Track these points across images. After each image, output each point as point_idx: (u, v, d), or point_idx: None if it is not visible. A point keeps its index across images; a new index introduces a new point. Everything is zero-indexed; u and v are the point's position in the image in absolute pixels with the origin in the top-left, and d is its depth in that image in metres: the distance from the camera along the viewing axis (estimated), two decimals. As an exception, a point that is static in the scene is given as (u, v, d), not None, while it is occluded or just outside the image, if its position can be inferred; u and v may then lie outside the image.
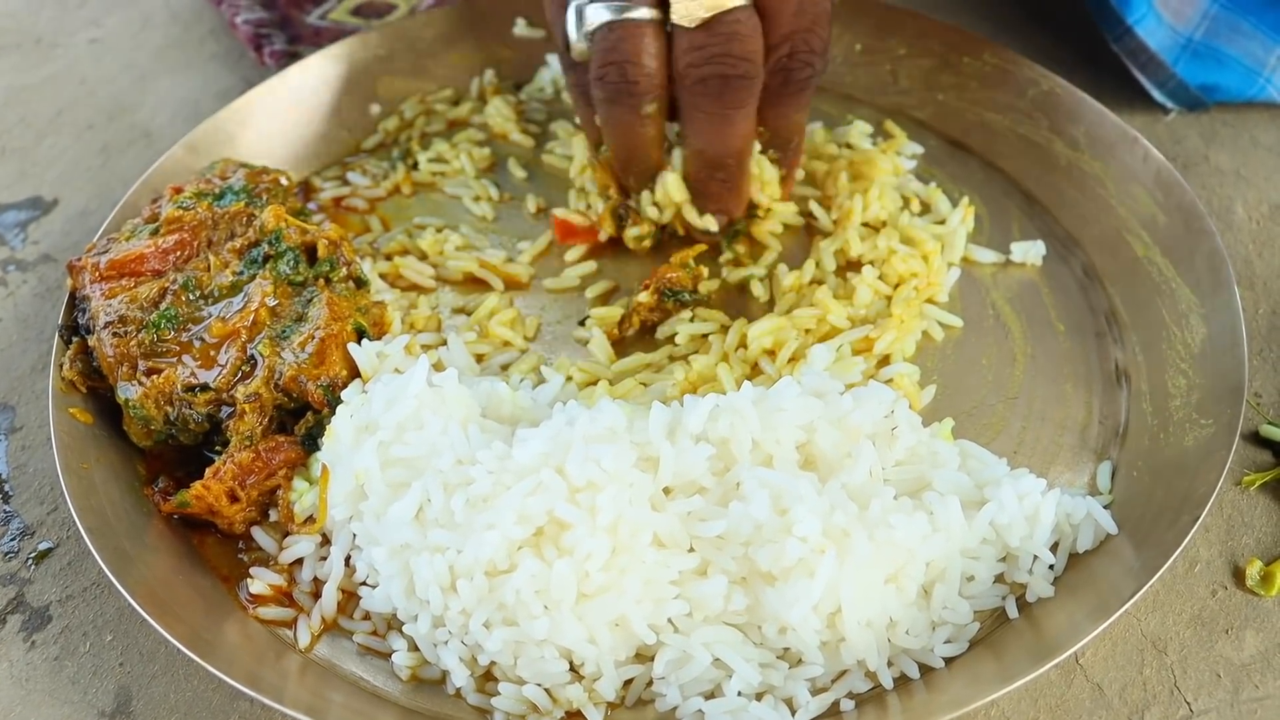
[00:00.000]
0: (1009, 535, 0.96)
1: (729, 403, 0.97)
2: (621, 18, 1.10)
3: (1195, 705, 0.94)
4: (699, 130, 1.15)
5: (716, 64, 1.09)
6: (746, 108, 1.13)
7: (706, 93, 1.11)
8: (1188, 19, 1.38)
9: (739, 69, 1.10)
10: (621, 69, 1.11)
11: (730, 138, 1.14)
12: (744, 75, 1.10)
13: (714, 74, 1.10)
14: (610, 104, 1.14)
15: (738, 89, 1.11)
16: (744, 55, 1.09)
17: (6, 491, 1.11)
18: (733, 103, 1.11)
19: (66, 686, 0.97)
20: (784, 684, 0.91)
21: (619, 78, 1.11)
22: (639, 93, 1.12)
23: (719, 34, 1.09)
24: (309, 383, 1.04)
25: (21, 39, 1.61)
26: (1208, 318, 1.11)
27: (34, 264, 1.31)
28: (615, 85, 1.12)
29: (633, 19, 1.10)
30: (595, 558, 0.89)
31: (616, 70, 1.11)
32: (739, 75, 1.10)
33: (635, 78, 1.11)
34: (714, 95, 1.11)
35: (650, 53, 1.11)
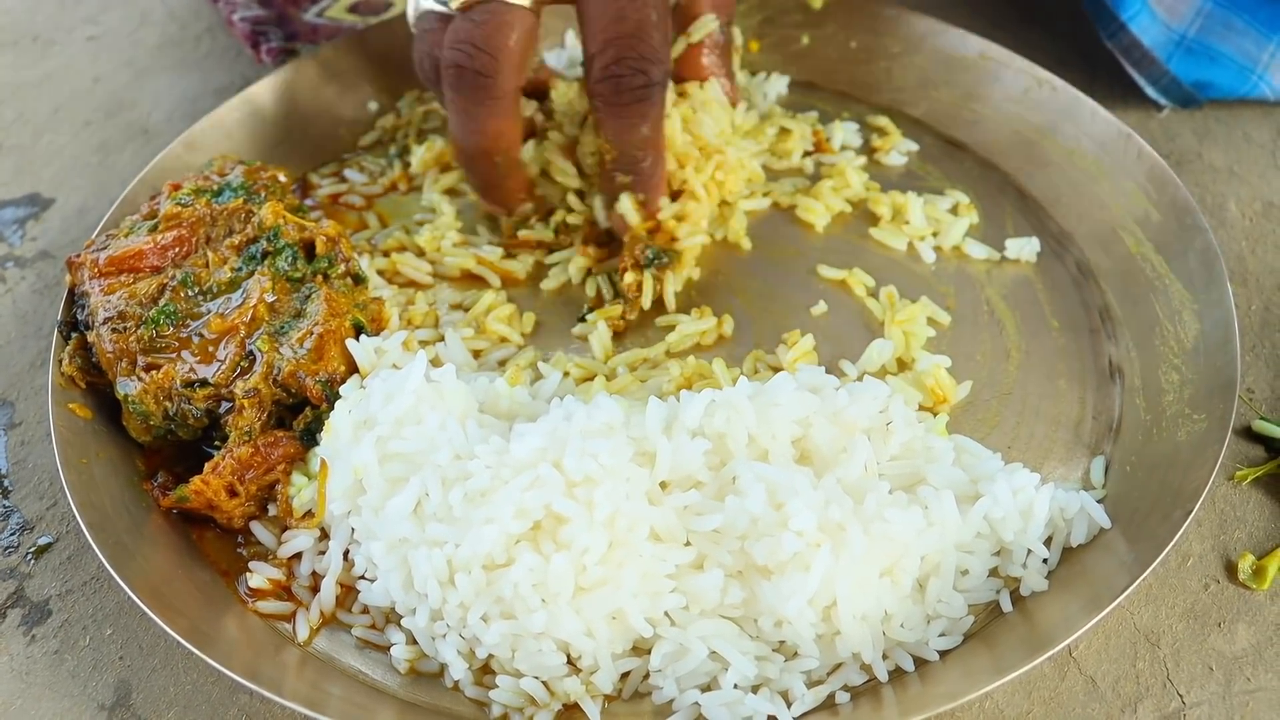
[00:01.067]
0: (1003, 529, 0.97)
1: (725, 398, 0.98)
2: (434, 9, 1.13)
3: (1188, 698, 0.94)
4: (450, 120, 1.16)
5: (457, 50, 1.09)
6: (487, 107, 1.12)
7: (448, 82, 1.11)
8: (1181, 16, 1.39)
9: (476, 61, 1.09)
10: (420, 59, 1.16)
11: (473, 134, 1.14)
12: (480, 70, 1.09)
13: (451, 62, 1.10)
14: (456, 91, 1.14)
15: (473, 84, 1.10)
16: (484, 46, 1.08)
17: (6, 486, 1.11)
18: (470, 98, 1.11)
19: (66, 680, 0.98)
20: (780, 676, 0.92)
21: (417, 66, 1.17)
22: (433, 81, 1.16)
23: (470, 19, 1.10)
24: (307, 378, 1.04)
25: (19, 36, 1.61)
26: (1200, 314, 1.12)
27: (32, 260, 1.31)
28: (420, 73, 1.17)
29: (439, 11, 1.13)
30: (592, 551, 0.90)
31: (418, 59, 1.16)
32: (475, 69, 1.09)
33: (426, 68, 1.16)
34: (452, 85, 1.11)
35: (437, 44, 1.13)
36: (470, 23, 1.09)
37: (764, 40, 1.46)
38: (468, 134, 1.15)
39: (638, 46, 1.09)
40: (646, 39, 1.09)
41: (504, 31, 1.09)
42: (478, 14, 1.09)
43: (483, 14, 1.09)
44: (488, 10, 1.09)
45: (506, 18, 1.09)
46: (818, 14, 1.45)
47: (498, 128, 1.14)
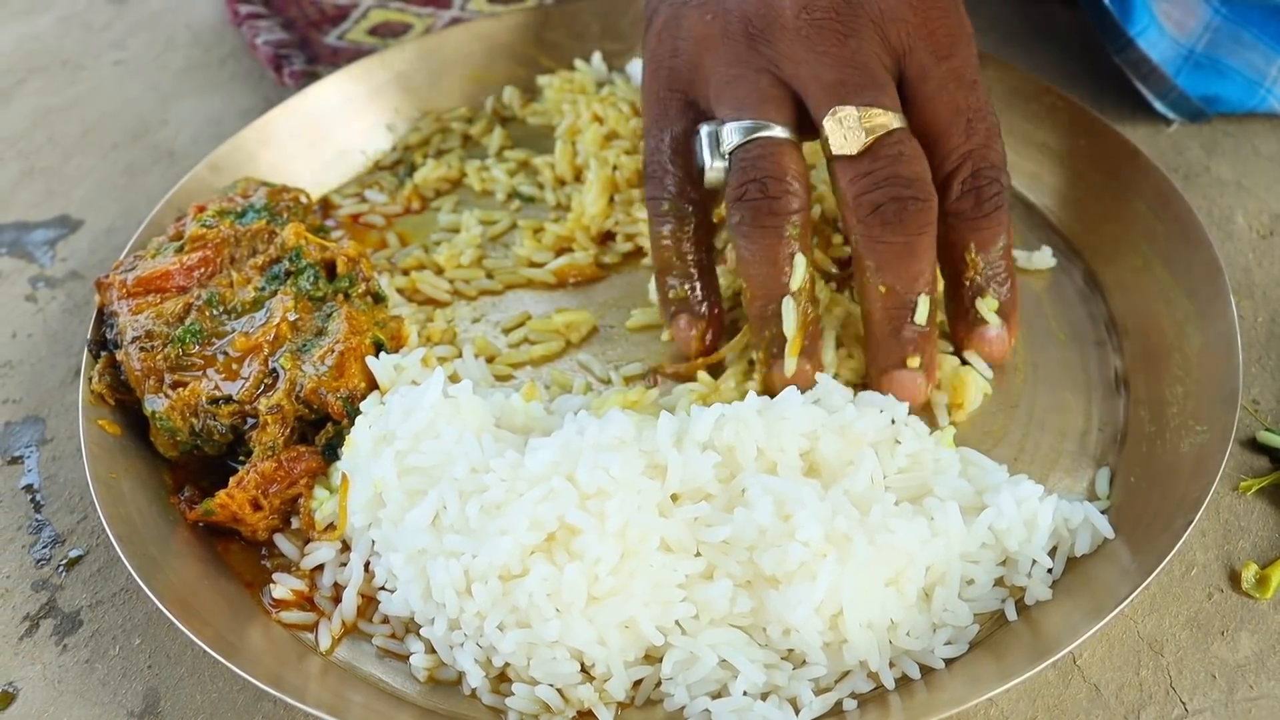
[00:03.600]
0: (1008, 539, 0.99)
1: (734, 412, 1.00)
2: (762, 136, 1.07)
3: (1190, 705, 0.96)
4: (884, 266, 1.05)
5: (889, 187, 1.04)
6: (926, 235, 1.05)
7: (885, 221, 1.04)
8: (1189, 30, 1.40)
9: (911, 190, 1.04)
10: (763, 185, 1.06)
11: (917, 270, 1.05)
12: (917, 197, 1.04)
13: (888, 198, 1.03)
14: (752, 225, 1.06)
15: (916, 213, 1.04)
16: (915, 176, 1.04)
17: (38, 501, 1.14)
18: (912, 228, 1.04)
19: (97, 688, 1.00)
20: (788, 684, 0.93)
21: (761, 193, 1.06)
22: (783, 210, 1.06)
23: (884, 156, 1.04)
24: (329, 394, 1.07)
25: (49, 61, 1.65)
26: (1204, 327, 1.13)
27: (62, 281, 1.34)
28: (756, 203, 1.06)
29: (773, 136, 1.07)
30: (605, 562, 0.92)
31: (758, 186, 1.06)
32: (913, 197, 1.04)
33: (778, 193, 1.05)
34: (892, 223, 1.04)
35: (795, 169, 1.06)
36: (886, 159, 1.05)
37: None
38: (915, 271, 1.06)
39: (989, 156, 1.09)
40: (995, 146, 1.09)
41: (921, 160, 1.06)
42: (887, 148, 1.05)
43: (893, 146, 1.05)
44: (895, 141, 1.05)
45: (914, 145, 1.06)
46: (828, 33, 1.47)
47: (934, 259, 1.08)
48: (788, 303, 1.07)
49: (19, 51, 1.67)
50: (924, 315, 1.07)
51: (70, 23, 1.71)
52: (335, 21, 1.62)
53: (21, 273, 1.35)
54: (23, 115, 1.56)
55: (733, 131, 1.08)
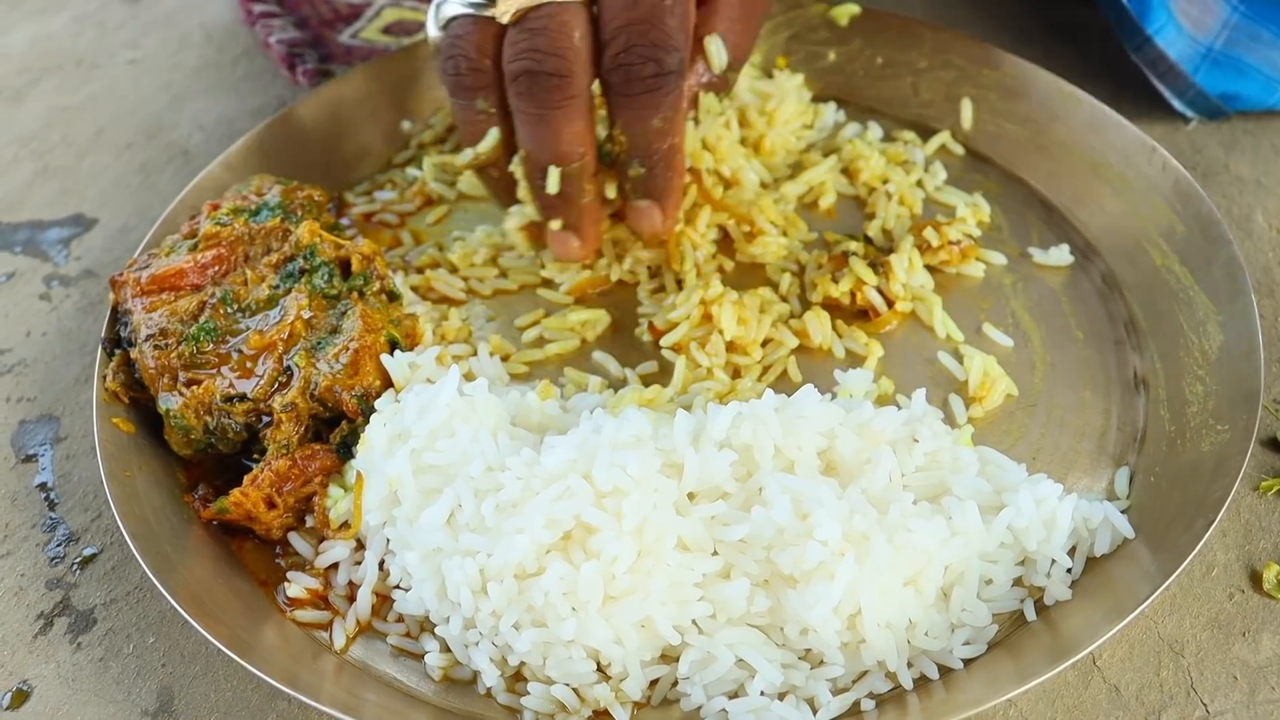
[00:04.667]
0: (1027, 539, 0.98)
1: (751, 410, 0.99)
2: (464, 12, 1.09)
3: (1211, 706, 0.95)
4: (520, 132, 1.11)
5: (525, 59, 1.06)
6: (564, 108, 1.07)
7: (519, 90, 1.07)
8: (1208, 28, 1.39)
9: (546, 64, 1.05)
10: (457, 61, 1.10)
11: (550, 140, 1.09)
12: (552, 72, 1.05)
13: (522, 70, 1.06)
14: (451, 96, 1.13)
15: (548, 87, 1.06)
16: (551, 50, 1.05)
17: (52, 499, 1.14)
18: (544, 101, 1.06)
19: (111, 686, 1.00)
20: (806, 684, 0.93)
21: (454, 71, 1.11)
22: (469, 86, 1.11)
23: (528, 29, 1.06)
24: (343, 392, 1.06)
25: (63, 61, 1.65)
26: (1225, 325, 1.12)
27: (77, 279, 1.34)
28: (451, 79, 1.12)
29: (478, 15, 1.09)
30: (621, 561, 0.92)
31: (453, 64, 1.11)
32: (546, 71, 1.05)
33: (466, 70, 1.10)
34: (524, 93, 1.07)
35: (485, 48, 1.09)
36: (528, 31, 1.06)
37: (791, 57, 1.47)
38: (543, 141, 1.09)
39: (650, 34, 1.06)
40: (660, 25, 1.06)
41: (567, 31, 1.06)
42: (533, 20, 1.06)
43: (539, 19, 1.06)
44: (543, 15, 1.06)
45: (564, 17, 1.06)
46: (844, 30, 1.46)
47: (575, 130, 1.09)
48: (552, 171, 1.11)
49: (33, 51, 1.67)
50: (553, 184, 1.11)
51: (84, 22, 1.71)
52: (349, 20, 1.62)
53: (36, 271, 1.35)
54: (37, 115, 1.56)
55: (451, 5, 1.11)
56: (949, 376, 1.17)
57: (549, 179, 1.11)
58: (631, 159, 1.13)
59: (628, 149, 1.12)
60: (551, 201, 1.14)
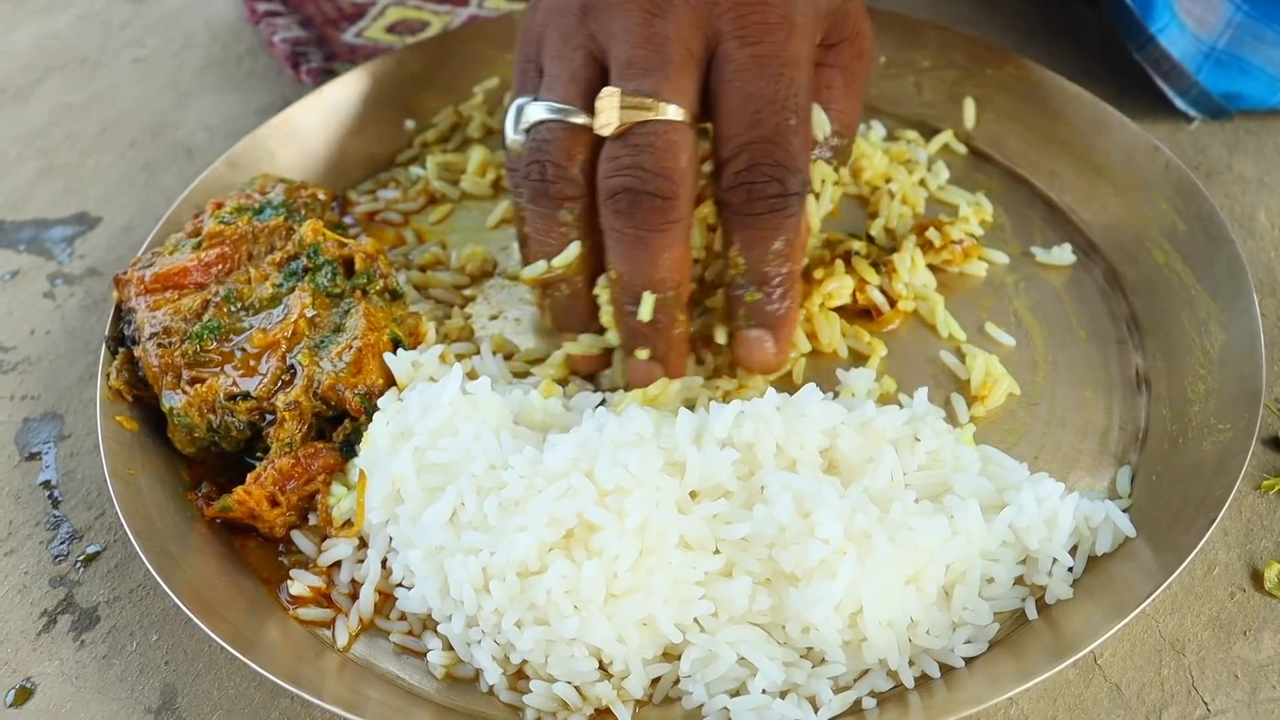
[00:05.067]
0: (1028, 538, 0.98)
1: (754, 409, 0.99)
2: (555, 118, 1.05)
3: (1212, 705, 0.95)
4: (613, 252, 1.05)
5: (627, 176, 1.01)
6: (665, 232, 1.02)
7: (617, 209, 1.02)
8: (1211, 27, 1.39)
9: (650, 184, 1.00)
10: (543, 168, 1.05)
11: (647, 264, 1.03)
12: (656, 192, 1.00)
13: (623, 187, 1.01)
14: (530, 205, 1.08)
15: (650, 208, 1.01)
16: (658, 170, 1.00)
17: (56, 497, 1.14)
18: (644, 223, 1.01)
19: (114, 684, 1.01)
20: (807, 682, 0.93)
21: (539, 176, 1.05)
22: (554, 195, 1.05)
23: (632, 144, 1.01)
24: (346, 391, 1.06)
25: (68, 59, 1.65)
26: (1226, 324, 1.12)
27: (81, 278, 1.35)
28: (535, 185, 1.06)
29: (564, 122, 1.04)
30: (624, 559, 0.92)
31: (538, 169, 1.05)
32: (649, 192, 1.00)
33: (553, 178, 1.05)
34: (624, 212, 1.02)
35: (575, 157, 1.04)
36: (633, 147, 1.01)
37: (794, 56, 1.48)
38: (640, 265, 1.03)
39: (774, 154, 1.02)
40: (784, 145, 1.02)
41: (674, 151, 1.01)
42: (639, 136, 1.01)
43: (645, 135, 1.01)
44: (649, 131, 1.01)
45: (672, 136, 1.01)
46: (847, 30, 1.46)
47: (675, 256, 1.03)
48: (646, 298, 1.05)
49: (38, 50, 1.67)
50: (646, 311, 1.05)
51: (89, 21, 1.72)
52: (353, 19, 1.62)
53: (40, 270, 1.36)
54: (41, 113, 1.57)
55: (537, 109, 1.06)
56: (951, 375, 1.17)
57: (642, 306, 1.04)
58: (748, 284, 1.06)
59: (744, 272, 1.06)
60: (640, 330, 1.06)
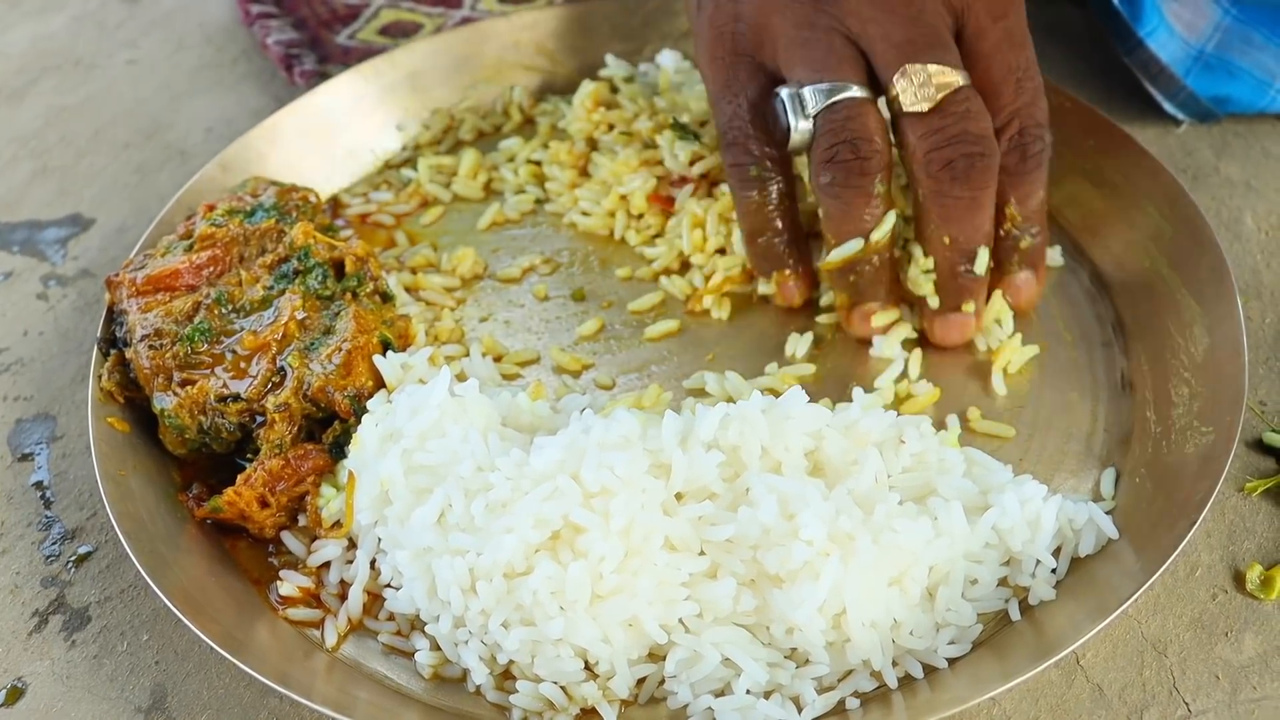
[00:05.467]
0: (1011, 539, 0.99)
1: (739, 411, 1.00)
2: (849, 96, 1.10)
3: (1193, 705, 0.96)
4: (950, 218, 1.11)
5: (958, 144, 1.08)
6: (990, 189, 1.11)
7: (954, 176, 1.09)
8: (1199, 31, 1.40)
9: (980, 147, 1.08)
10: (855, 146, 1.09)
11: (982, 222, 1.12)
12: (985, 153, 1.09)
13: (958, 154, 1.08)
14: (844, 186, 1.11)
15: (983, 169, 1.09)
16: (982, 133, 1.09)
17: (48, 497, 1.15)
18: (979, 183, 1.09)
19: (105, 684, 1.01)
20: (791, 682, 0.94)
21: (852, 154, 1.09)
22: (872, 170, 1.10)
23: (953, 114, 1.08)
24: (336, 393, 1.07)
25: (62, 61, 1.66)
26: (1210, 327, 1.13)
27: (73, 279, 1.35)
28: (848, 163, 1.10)
29: (856, 97, 1.10)
30: (609, 560, 0.92)
31: (849, 148, 1.09)
32: (980, 153, 1.08)
33: (868, 154, 1.09)
34: (961, 178, 1.09)
35: (879, 129, 1.10)
36: (954, 115, 1.09)
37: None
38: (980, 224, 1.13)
39: (1036, 114, 1.13)
40: (1041, 105, 1.14)
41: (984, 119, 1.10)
42: (954, 105, 1.09)
43: (960, 104, 1.09)
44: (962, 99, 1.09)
45: (978, 104, 1.10)
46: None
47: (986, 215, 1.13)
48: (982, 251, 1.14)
49: (32, 51, 1.68)
50: (982, 265, 1.14)
51: (83, 22, 1.72)
52: (346, 21, 1.63)
53: (33, 271, 1.36)
54: (35, 114, 1.57)
55: (816, 93, 1.11)
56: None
57: (978, 262, 1.13)
58: (1024, 233, 1.16)
59: (1021, 223, 1.16)
60: (973, 286, 1.15)
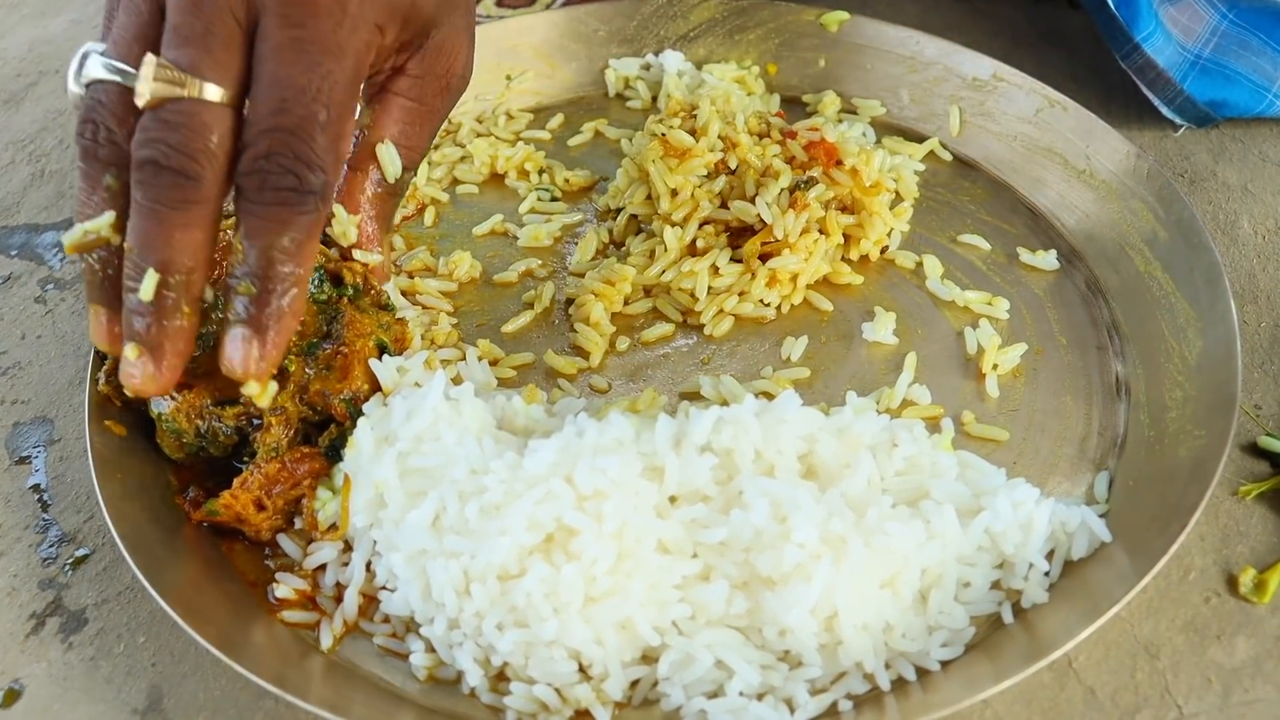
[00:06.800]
0: (1004, 542, 0.99)
1: (733, 414, 1.00)
2: (111, 79, 0.97)
3: (1186, 708, 0.96)
4: (131, 224, 0.96)
5: (151, 149, 0.94)
6: (183, 211, 0.94)
7: (140, 179, 0.94)
8: (1196, 36, 1.40)
9: (173, 161, 0.93)
10: (95, 129, 0.97)
11: (158, 240, 0.94)
12: (179, 169, 0.93)
13: (147, 158, 0.94)
14: (79, 163, 0.99)
15: (169, 184, 0.94)
16: (182, 148, 0.93)
17: (45, 500, 1.15)
18: (163, 198, 0.94)
19: (101, 686, 1.02)
20: (784, 685, 0.94)
21: (90, 137, 0.97)
22: (102, 159, 0.97)
23: (162, 119, 0.94)
24: (332, 397, 1.07)
25: (61, 65, 1.66)
26: (1204, 331, 1.13)
27: (71, 283, 1.36)
28: (85, 143, 0.98)
29: (117, 83, 0.96)
30: (602, 563, 0.93)
31: (90, 128, 0.97)
32: (172, 168, 0.93)
33: (104, 141, 0.97)
34: (144, 182, 0.94)
35: (127, 123, 0.96)
36: (162, 122, 0.94)
37: (781, 63, 1.49)
38: (150, 239, 0.95)
39: (295, 146, 0.95)
40: (307, 139, 0.95)
41: (204, 133, 0.94)
42: (170, 112, 0.94)
43: (177, 113, 0.94)
44: (181, 108, 0.94)
45: (205, 118, 0.94)
46: (834, 36, 1.48)
47: (190, 239, 0.95)
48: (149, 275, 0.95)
49: (31, 55, 1.68)
50: (147, 290, 0.94)
51: (82, 26, 1.73)
52: (344, 26, 1.63)
53: (32, 275, 1.37)
54: (34, 118, 1.58)
55: (96, 65, 0.98)
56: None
57: (144, 284, 0.95)
58: (245, 275, 0.97)
59: (244, 262, 0.97)
60: (138, 310, 0.96)
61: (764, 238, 1.22)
